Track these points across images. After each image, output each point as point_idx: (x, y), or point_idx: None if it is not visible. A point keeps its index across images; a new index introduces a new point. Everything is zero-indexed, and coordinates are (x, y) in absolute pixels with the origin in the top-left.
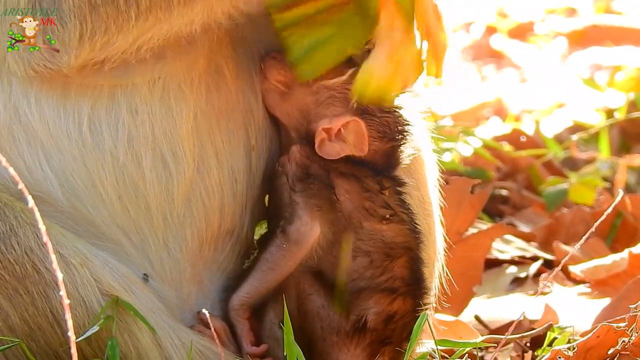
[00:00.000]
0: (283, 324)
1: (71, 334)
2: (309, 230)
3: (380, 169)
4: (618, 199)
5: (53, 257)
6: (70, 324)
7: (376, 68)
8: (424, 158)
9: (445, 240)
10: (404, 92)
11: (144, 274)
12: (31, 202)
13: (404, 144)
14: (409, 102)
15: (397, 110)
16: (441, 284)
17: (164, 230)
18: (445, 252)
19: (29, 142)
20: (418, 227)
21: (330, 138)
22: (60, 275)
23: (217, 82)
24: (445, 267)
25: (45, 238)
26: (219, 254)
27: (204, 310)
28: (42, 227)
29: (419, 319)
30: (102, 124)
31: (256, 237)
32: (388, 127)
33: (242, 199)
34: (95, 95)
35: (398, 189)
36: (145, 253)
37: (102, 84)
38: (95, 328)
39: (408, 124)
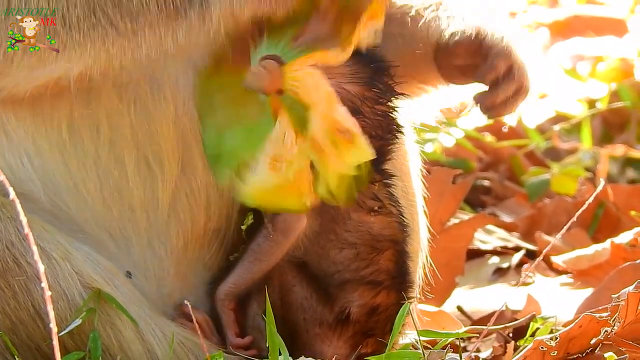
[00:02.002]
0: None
1: (53, 325)
2: (295, 220)
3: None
4: (599, 188)
5: (34, 248)
6: (51, 315)
7: (259, 178)
8: (407, 148)
9: (428, 230)
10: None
11: (127, 271)
12: (12, 194)
13: (393, 142)
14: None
15: (391, 112)
16: (425, 274)
17: (148, 229)
18: (428, 242)
19: (10, 143)
20: (405, 220)
21: None
22: (41, 267)
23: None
24: (428, 258)
25: (27, 230)
26: (205, 253)
27: (185, 302)
28: (24, 219)
29: (401, 310)
30: (81, 129)
31: (243, 227)
32: (380, 128)
33: (229, 199)
34: (72, 100)
35: (386, 181)
36: (129, 251)
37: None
38: (78, 321)
39: (400, 125)
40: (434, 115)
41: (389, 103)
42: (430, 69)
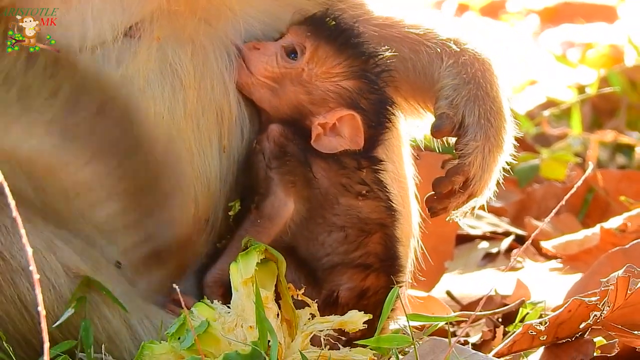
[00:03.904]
0: None
1: (41, 308)
2: (282, 205)
3: (362, 151)
4: (588, 172)
5: (23, 232)
6: (40, 299)
7: None
8: (400, 133)
9: (419, 215)
10: None
11: (117, 261)
12: (0, 177)
13: (387, 128)
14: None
15: (383, 99)
16: (416, 259)
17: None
18: (418, 227)
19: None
20: (394, 204)
21: (326, 132)
22: (29, 250)
23: (184, 82)
24: (419, 242)
25: (15, 213)
26: (195, 242)
27: (174, 286)
28: (12, 202)
29: (391, 293)
30: (69, 134)
31: (231, 213)
32: (376, 117)
33: (216, 195)
34: (62, 107)
35: (375, 167)
36: (117, 244)
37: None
38: (71, 311)
39: (394, 110)
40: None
41: (381, 90)
42: (432, 99)
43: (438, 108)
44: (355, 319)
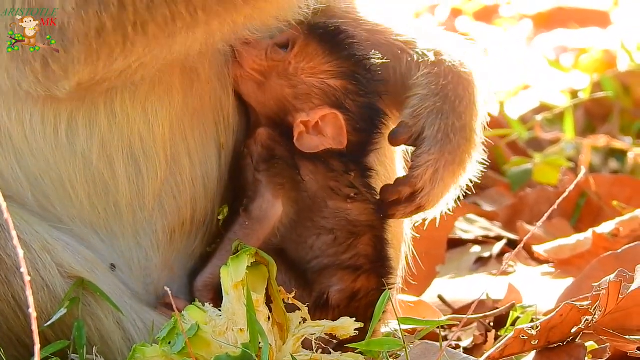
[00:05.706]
0: None
1: (32, 310)
2: (271, 207)
3: (350, 156)
4: (580, 176)
5: (14, 233)
6: (30, 301)
7: None
8: None
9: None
10: None
11: (112, 264)
12: None
13: (377, 134)
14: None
15: (373, 104)
16: (407, 263)
17: (133, 224)
18: (410, 231)
19: (1, 144)
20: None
21: (308, 131)
22: (20, 253)
23: (192, 82)
24: (410, 247)
25: (6, 215)
26: (191, 243)
27: (166, 289)
28: (3, 204)
29: (382, 296)
30: (79, 128)
31: (220, 217)
32: (363, 120)
33: (213, 193)
34: (74, 101)
35: (363, 172)
36: (113, 244)
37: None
38: (63, 311)
39: (384, 118)
40: None
41: (371, 95)
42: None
43: (401, 116)
44: (347, 325)
